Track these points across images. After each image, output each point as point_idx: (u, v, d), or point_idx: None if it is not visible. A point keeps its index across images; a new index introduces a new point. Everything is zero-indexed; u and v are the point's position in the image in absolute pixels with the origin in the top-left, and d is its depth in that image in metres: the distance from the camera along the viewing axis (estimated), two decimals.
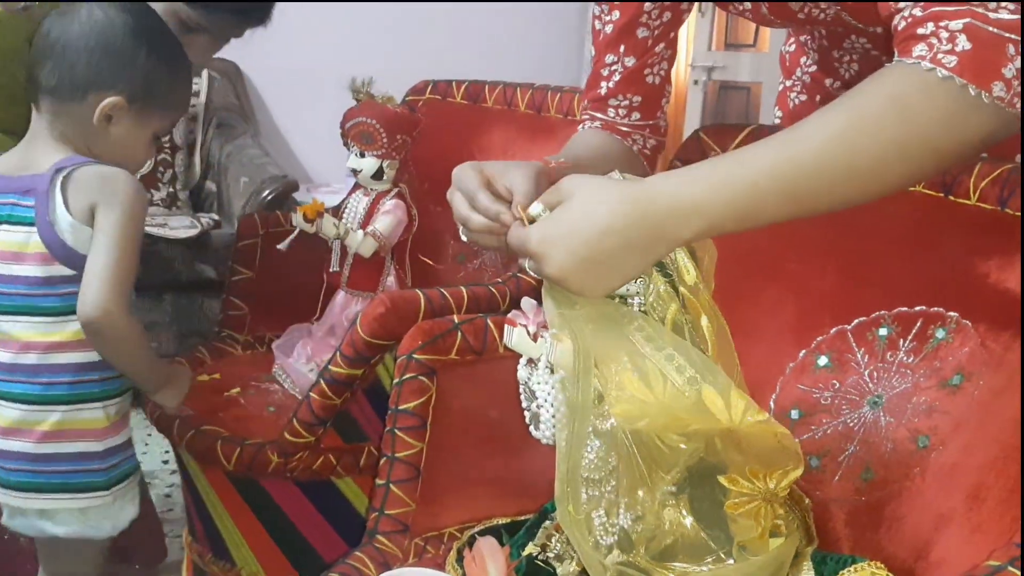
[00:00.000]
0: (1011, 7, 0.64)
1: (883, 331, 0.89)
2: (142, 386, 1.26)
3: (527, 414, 0.83)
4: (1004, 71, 0.64)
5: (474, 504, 1.05)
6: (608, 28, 1.02)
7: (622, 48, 1.02)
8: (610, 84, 1.04)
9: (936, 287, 0.87)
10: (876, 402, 0.89)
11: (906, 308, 0.88)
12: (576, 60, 3.44)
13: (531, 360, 0.82)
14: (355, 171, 1.56)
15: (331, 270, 1.58)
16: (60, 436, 1.17)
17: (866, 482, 0.88)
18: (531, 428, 0.82)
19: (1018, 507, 0.72)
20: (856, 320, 0.91)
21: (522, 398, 0.83)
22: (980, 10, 0.64)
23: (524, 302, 0.83)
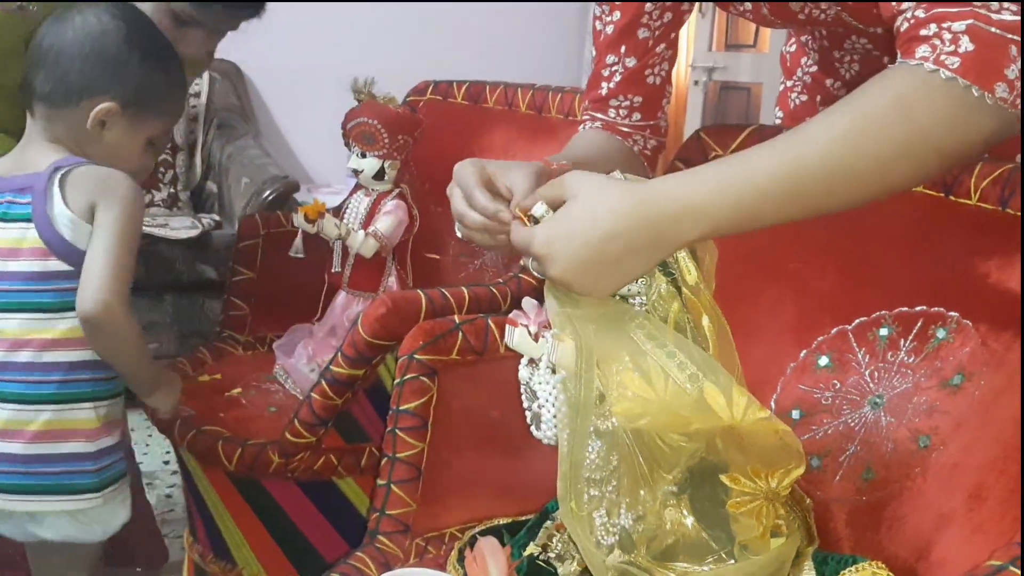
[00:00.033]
0: (1013, 8, 0.64)
1: (884, 331, 0.89)
2: (136, 387, 1.25)
3: (528, 414, 0.83)
4: (1007, 72, 0.64)
5: (475, 504, 1.05)
6: (609, 28, 1.02)
7: (623, 49, 1.02)
8: (611, 84, 1.04)
9: (937, 287, 0.87)
10: (877, 402, 0.89)
11: (907, 308, 0.88)
12: (576, 60, 3.44)
13: (532, 360, 0.82)
14: (356, 171, 1.56)
15: (332, 270, 1.58)
16: (50, 436, 1.15)
17: (867, 482, 0.88)
18: (532, 428, 0.82)
19: (1019, 507, 0.72)
20: (857, 320, 0.91)
21: (523, 398, 0.83)
22: (983, 11, 0.64)
23: (525, 302, 0.83)
